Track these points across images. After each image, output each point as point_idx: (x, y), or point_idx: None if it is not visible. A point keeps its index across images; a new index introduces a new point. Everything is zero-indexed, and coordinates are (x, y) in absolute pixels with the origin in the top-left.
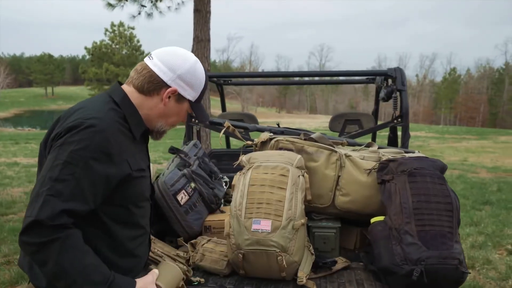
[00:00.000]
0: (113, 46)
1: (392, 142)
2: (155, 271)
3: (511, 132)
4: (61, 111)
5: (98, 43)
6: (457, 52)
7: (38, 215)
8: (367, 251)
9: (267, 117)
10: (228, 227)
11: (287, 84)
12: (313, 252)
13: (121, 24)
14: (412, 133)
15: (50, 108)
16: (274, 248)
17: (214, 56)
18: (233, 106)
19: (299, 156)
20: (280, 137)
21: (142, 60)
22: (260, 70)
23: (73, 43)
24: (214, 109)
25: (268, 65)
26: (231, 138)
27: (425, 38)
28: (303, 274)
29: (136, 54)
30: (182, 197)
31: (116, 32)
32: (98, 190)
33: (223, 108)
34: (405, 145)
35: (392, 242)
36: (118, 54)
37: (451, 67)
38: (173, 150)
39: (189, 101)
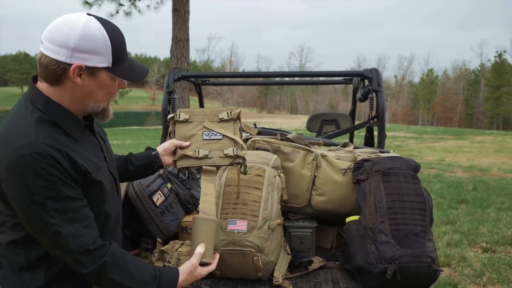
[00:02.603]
0: None
1: (368, 142)
2: (198, 252)
3: (487, 132)
4: None
5: None
6: (434, 54)
7: (74, 248)
8: (343, 250)
9: (248, 117)
10: None
11: (263, 84)
12: (289, 252)
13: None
14: (391, 133)
15: None
16: (250, 248)
17: (194, 56)
18: (213, 106)
19: (275, 156)
20: (257, 137)
21: None
22: (240, 70)
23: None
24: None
25: (248, 65)
26: None
27: (403, 40)
28: (279, 274)
29: None
30: (158, 198)
31: None
32: (83, 196)
33: (201, 107)
34: (381, 145)
35: (367, 241)
36: None
37: (428, 68)
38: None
39: (106, 67)
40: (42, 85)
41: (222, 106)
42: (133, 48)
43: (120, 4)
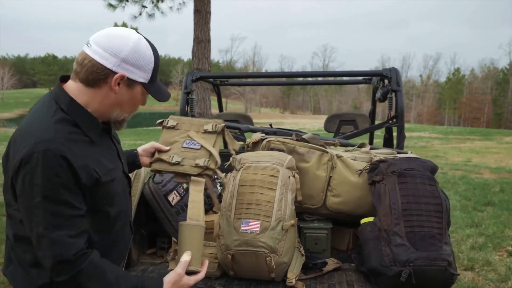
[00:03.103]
0: None
1: (387, 142)
2: (184, 261)
3: None
4: None
5: None
6: (461, 52)
7: (54, 256)
8: (358, 252)
9: (270, 118)
10: (218, 228)
11: (280, 84)
12: (303, 253)
13: (124, 25)
14: (415, 134)
15: None
16: (263, 249)
17: (217, 56)
18: (236, 106)
19: (289, 156)
20: (272, 138)
21: None
22: (263, 71)
23: (76, 44)
24: (215, 109)
25: (271, 66)
26: None
27: (429, 38)
28: (292, 275)
29: None
30: (174, 198)
31: None
32: (83, 201)
33: (220, 108)
34: (400, 145)
35: (381, 243)
36: None
37: (455, 67)
38: None
39: (143, 83)
40: (73, 85)
41: (245, 107)
42: (158, 49)
43: (143, 6)
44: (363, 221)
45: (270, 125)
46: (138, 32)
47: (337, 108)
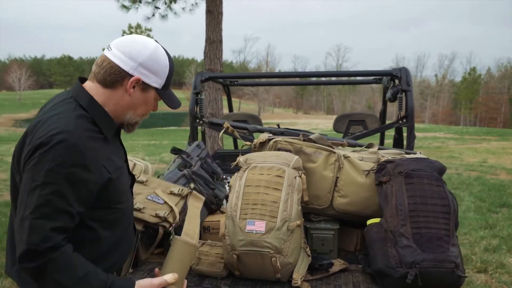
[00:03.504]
0: None
1: (397, 143)
2: (166, 280)
3: None
4: None
5: None
6: (477, 51)
7: (29, 242)
8: (366, 254)
9: (283, 118)
10: (224, 228)
11: (290, 84)
12: (309, 254)
13: (138, 26)
14: (430, 134)
15: None
16: (268, 249)
17: (230, 57)
18: (249, 107)
19: (296, 157)
20: (279, 138)
21: None
22: (277, 71)
23: (91, 45)
24: (227, 109)
25: (285, 66)
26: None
27: (444, 37)
28: (298, 276)
29: None
30: None
31: (133, 33)
32: (81, 202)
33: (230, 108)
34: (410, 146)
35: (387, 245)
36: None
37: (471, 67)
38: (175, 151)
39: (156, 88)
40: (92, 85)
41: (258, 107)
42: (172, 49)
43: (156, 7)
44: (369, 222)
45: (278, 125)
46: (156, 41)
47: (350, 108)
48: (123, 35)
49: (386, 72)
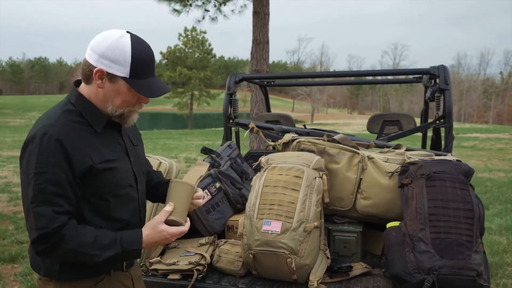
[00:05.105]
0: (186, 50)
1: (435, 144)
2: (165, 210)
3: None
4: (141, 113)
5: (172, 47)
6: None
7: (38, 227)
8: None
9: (337, 118)
10: (242, 228)
11: (329, 84)
12: (329, 256)
13: (193, 29)
14: (493, 135)
15: None
16: (283, 250)
17: (284, 57)
18: (303, 107)
19: (317, 157)
20: (302, 139)
21: (214, 63)
22: (331, 70)
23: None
24: (272, 108)
25: (339, 65)
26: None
27: (510, 33)
28: (315, 278)
29: (208, 57)
30: (204, 197)
31: (189, 36)
32: (73, 186)
33: (268, 108)
34: (448, 147)
35: (406, 249)
36: (191, 57)
37: None
38: (205, 151)
39: (124, 78)
40: (82, 84)
41: (311, 107)
42: (227, 51)
43: (206, 10)
44: (389, 225)
45: (304, 125)
46: (128, 32)
47: (408, 108)
48: (178, 38)
49: (424, 70)
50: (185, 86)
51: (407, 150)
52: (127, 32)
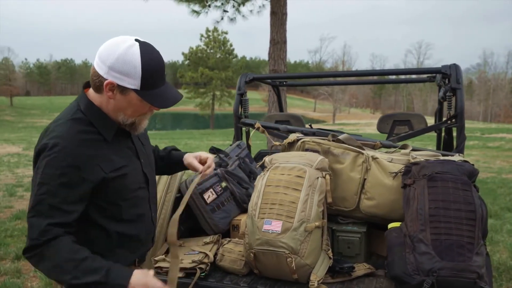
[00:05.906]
0: (208, 50)
1: (447, 144)
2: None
3: None
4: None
5: (194, 48)
6: None
7: (31, 238)
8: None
9: (360, 118)
10: (244, 227)
11: (341, 84)
12: (331, 256)
13: (215, 30)
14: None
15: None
16: (283, 249)
17: (306, 57)
18: (325, 107)
19: (321, 157)
20: (306, 138)
21: (235, 63)
22: (353, 70)
23: (171, 49)
24: (293, 108)
25: (362, 65)
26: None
27: None
28: (315, 278)
29: (229, 58)
30: (209, 196)
31: (211, 37)
32: (75, 200)
33: (280, 108)
34: (459, 147)
35: (406, 250)
36: (212, 58)
37: None
38: (213, 150)
39: (135, 90)
40: (90, 90)
41: (333, 107)
42: (247, 51)
43: (225, 11)
44: (390, 225)
45: (310, 125)
46: (137, 40)
47: (432, 108)
48: (200, 39)
49: (435, 69)
50: (206, 87)
51: (414, 150)
52: (136, 40)
